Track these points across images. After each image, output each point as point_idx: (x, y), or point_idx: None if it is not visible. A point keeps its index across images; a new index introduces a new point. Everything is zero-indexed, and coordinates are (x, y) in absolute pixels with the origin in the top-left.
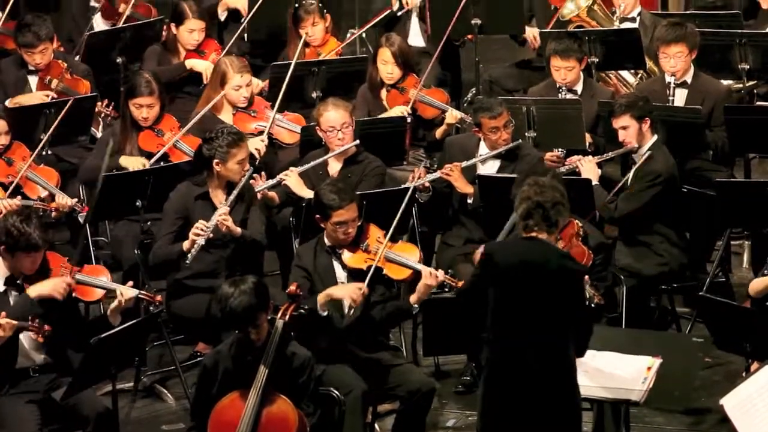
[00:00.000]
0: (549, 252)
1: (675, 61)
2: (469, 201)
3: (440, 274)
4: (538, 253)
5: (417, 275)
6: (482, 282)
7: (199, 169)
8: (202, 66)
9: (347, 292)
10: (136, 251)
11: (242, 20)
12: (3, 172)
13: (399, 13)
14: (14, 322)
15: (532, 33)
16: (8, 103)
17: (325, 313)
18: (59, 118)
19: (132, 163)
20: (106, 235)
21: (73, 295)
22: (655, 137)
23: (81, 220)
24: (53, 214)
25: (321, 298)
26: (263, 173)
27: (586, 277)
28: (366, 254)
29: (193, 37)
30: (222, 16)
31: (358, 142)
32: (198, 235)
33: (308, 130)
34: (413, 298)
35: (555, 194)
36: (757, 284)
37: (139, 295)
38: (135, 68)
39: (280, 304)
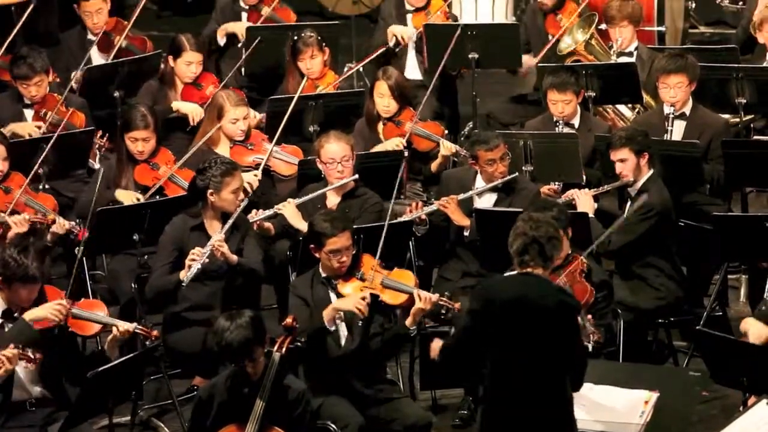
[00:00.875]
0: (545, 287)
1: (675, 92)
2: (466, 234)
3: (434, 296)
4: (534, 288)
5: (414, 300)
6: (479, 319)
7: (193, 200)
8: (189, 108)
9: (352, 304)
10: (133, 285)
11: (240, 45)
12: (1, 200)
13: (396, 49)
14: (18, 351)
15: (526, 63)
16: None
17: (333, 328)
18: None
19: (126, 197)
20: (103, 268)
21: (70, 329)
22: (651, 171)
23: (78, 253)
24: (49, 237)
25: (327, 313)
26: (260, 210)
27: (589, 316)
28: (361, 282)
29: (191, 69)
30: (221, 41)
31: (357, 176)
32: (194, 261)
33: (306, 164)
34: (408, 321)
35: (549, 229)
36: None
37: (136, 330)
38: (131, 102)
39: (277, 336)
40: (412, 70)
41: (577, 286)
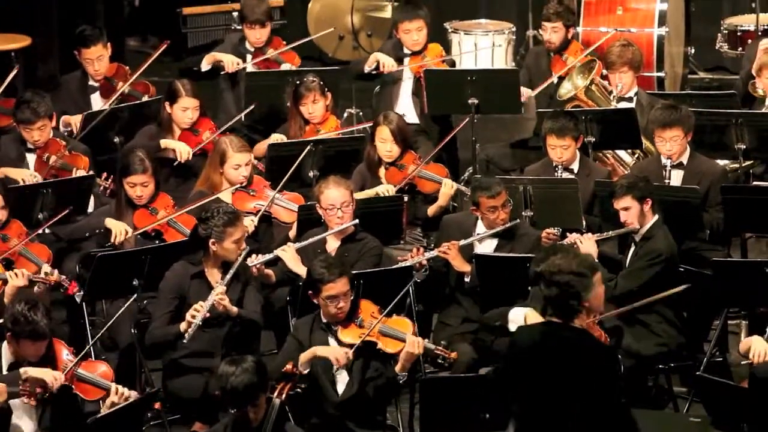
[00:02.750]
0: (572, 335)
1: (671, 145)
2: (467, 280)
3: (425, 342)
4: (560, 336)
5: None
6: (502, 372)
7: (194, 248)
8: (175, 144)
9: (332, 352)
10: (132, 331)
11: (222, 72)
12: None
13: (373, 72)
14: (3, 387)
15: (525, 93)
16: None
17: (306, 371)
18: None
19: (116, 226)
20: (103, 314)
21: (73, 391)
22: (656, 217)
23: (78, 299)
24: (35, 289)
25: (304, 356)
26: (259, 255)
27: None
28: (360, 329)
29: (187, 115)
30: (206, 67)
31: (357, 221)
32: (195, 315)
33: (306, 209)
34: (397, 367)
35: (569, 279)
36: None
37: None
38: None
39: (276, 383)
40: (408, 114)
41: (594, 333)
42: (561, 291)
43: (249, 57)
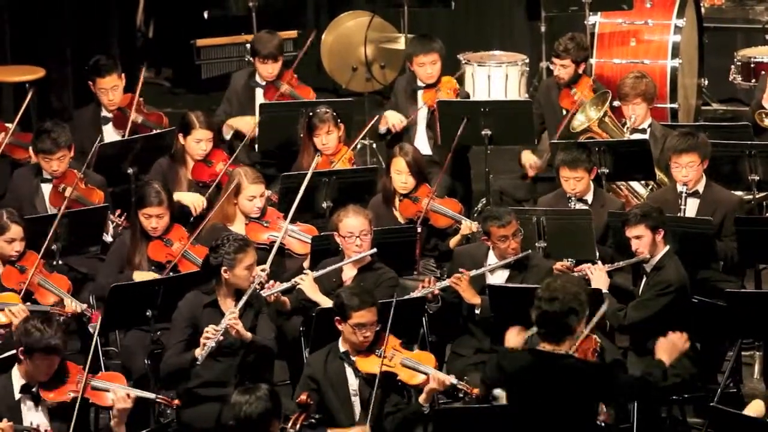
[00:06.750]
0: (561, 362)
1: (687, 171)
2: (477, 312)
3: (450, 379)
4: (540, 369)
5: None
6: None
7: (207, 277)
8: (189, 199)
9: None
10: (146, 361)
11: (244, 140)
12: (15, 279)
13: (384, 133)
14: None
15: (528, 160)
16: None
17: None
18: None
19: (143, 278)
20: (117, 344)
21: (90, 401)
22: (668, 247)
23: (91, 330)
24: (60, 318)
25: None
26: (276, 282)
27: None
28: (380, 359)
29: (201, 147)
30: (227, 136)
31: (375, 250)
32: (208, 338)
33: (320, 239)
34: (422, 398)
35: (566, 298)
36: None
37: (157, 399)
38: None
39: (291, 413)
40: (422, 146)
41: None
42: (560, 309)
43: (259, 92)
